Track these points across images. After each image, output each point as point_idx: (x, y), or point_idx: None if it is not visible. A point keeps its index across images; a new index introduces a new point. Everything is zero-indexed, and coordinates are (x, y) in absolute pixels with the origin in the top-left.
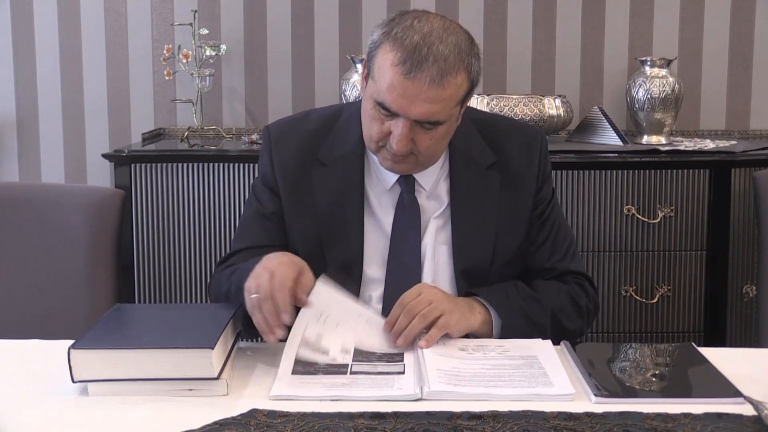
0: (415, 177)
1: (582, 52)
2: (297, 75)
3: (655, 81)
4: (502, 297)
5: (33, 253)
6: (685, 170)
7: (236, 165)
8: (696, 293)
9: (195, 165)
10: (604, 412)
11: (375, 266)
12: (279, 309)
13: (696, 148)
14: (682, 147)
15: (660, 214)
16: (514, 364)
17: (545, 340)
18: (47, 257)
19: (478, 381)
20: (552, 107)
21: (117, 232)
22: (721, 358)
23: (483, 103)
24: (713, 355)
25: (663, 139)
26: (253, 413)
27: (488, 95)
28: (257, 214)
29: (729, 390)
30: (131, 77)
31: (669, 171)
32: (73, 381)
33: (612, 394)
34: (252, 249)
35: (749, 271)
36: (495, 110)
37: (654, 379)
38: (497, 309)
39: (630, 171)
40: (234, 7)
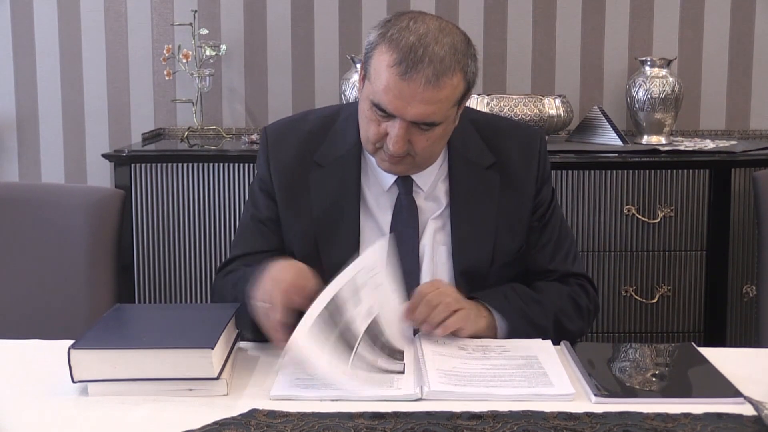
0: (413, 178)
1: (582, 52)
2: (297, 75)
3: (655, 81)
4: (503, 300)
5: (33, 253)
6: (685, 170)
7: (236, 165)
8: (696, 293)
9: (195, 165)
10: (604, 412)
11: None
12: (285, 317)
13: (696, 148)
14: (682, 147)
15: (660, 214)
16: (514, 364)
17: (545, 340)
18: (47, 257)
19: (478, 381)
20: (552, 107)
21: (117, 232)
22: (721, 358)
23: (483, 103)
24: (713, 355)
25: (663, 139)
26: (253, 413)
27: (488, 95)
28: (253, 219)
29: (729, 390)
30: (131, 77)
31: (669, 171)
32: (73, 381)
33: (612, 394)
34: (249, 255)
35: (749, 271)
36: (495, 110)
37: (654, 379)
38: (502, 313)
39: (630, 171)
40: (234, 7)
